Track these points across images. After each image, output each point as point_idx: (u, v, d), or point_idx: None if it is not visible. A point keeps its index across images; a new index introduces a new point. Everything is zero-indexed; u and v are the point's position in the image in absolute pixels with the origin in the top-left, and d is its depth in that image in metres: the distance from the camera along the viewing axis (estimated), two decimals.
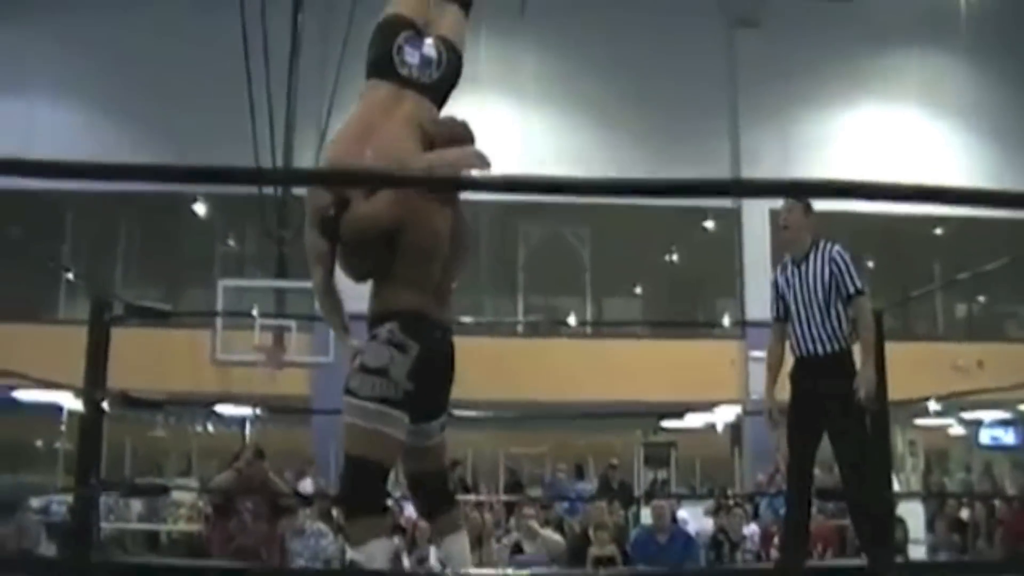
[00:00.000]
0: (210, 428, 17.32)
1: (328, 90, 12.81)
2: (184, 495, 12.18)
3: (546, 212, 15.37)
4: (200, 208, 15.61)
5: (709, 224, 16.18)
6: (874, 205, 12.46)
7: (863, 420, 4.90)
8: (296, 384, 12.63)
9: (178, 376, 12.57)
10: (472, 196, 3.95)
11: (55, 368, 5.43)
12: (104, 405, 4.99)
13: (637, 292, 17.51)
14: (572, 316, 15.56)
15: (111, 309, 5.23)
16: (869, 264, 15.83)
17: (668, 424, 15.72)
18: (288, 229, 11.98)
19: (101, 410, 4.97)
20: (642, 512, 10.72)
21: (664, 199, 12.25)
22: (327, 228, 3.45)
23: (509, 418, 14.84)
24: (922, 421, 15.62)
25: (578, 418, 14.45)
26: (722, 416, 13.30)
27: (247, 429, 15.08)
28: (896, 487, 8.80)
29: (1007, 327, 17.37)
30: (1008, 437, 16.46)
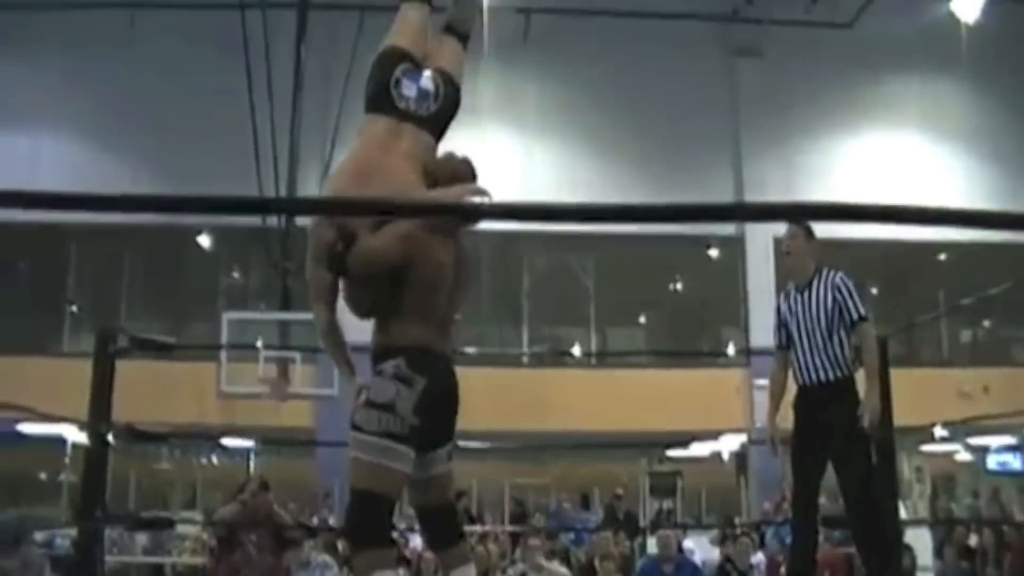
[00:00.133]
0: (215, 460, 17.27)
1: (331, 124, 12.93)
2: (189, 528, 12.12)
3: (550, 242, 15.41)
4: (204, 240, 15.63)
5: (713, 252, 16.18)
6: (877, 231, 12.48)
7: (867, 447, 4.89)
8: (300, 416, 12.61)
9: (182, 408, 12.59)
10: (476, 226, 3.95)
11: (59, 401, 5.45)
12: (109, 438, 4.99)
13: (641, 321, 17.50)
14: (576, 345, 15.52)
15: (116, 342, 5.25)
16: (873, 291, 15.85)
17: (673, 453, 15.67)
18: (292, 261, 12.03)
19: (106, 443, 4.97)
20: (648, 542, 10.64)
21: (667, 226, 12.31)
22: (335, 262, 3.46)
23: (514, 448, 14.82)
24: (928, 447, 15.56)
25: (583, 448, 14.41)
26: (727, 445, 13.26)
27: (251, 461, 15.06)
28: (903, 514, 8.74)
29: (1012, 352, 17.32)
30: (1015, 462, 16.37)
